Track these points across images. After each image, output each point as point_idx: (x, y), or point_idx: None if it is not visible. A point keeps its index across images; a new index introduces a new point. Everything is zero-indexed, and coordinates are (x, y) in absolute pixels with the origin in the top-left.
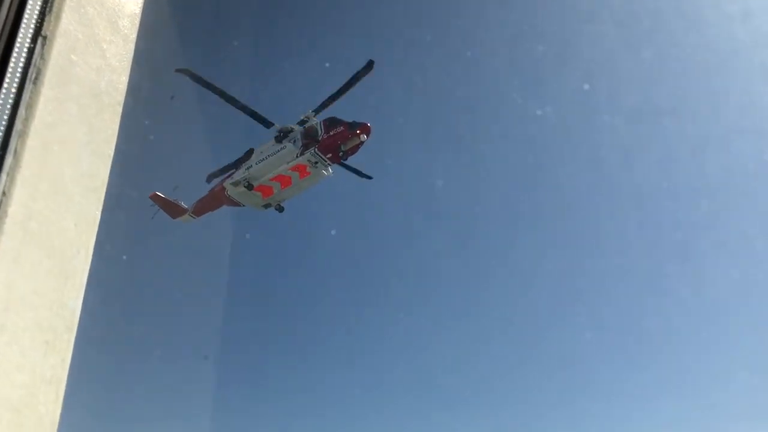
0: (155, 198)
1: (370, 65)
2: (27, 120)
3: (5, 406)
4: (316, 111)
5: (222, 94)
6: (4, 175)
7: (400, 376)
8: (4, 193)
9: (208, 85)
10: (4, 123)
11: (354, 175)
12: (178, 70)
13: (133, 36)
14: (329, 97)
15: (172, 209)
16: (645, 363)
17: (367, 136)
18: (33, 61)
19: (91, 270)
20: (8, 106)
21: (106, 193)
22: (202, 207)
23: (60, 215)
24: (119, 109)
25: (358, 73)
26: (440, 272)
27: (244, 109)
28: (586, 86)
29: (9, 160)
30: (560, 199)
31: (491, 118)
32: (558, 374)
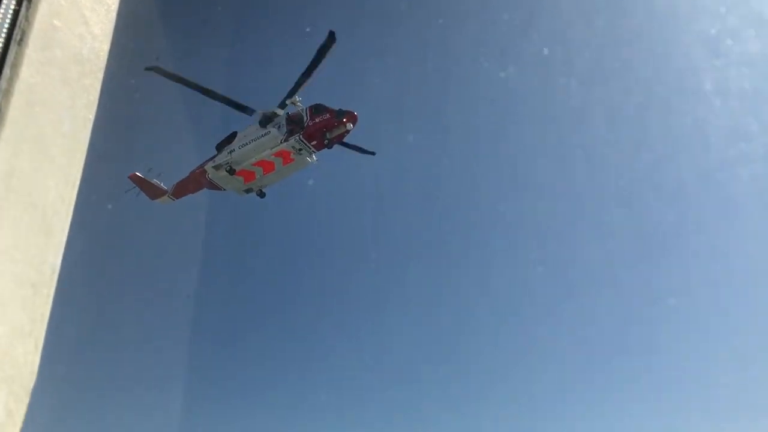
0: (134, 178)
1: (331, 37)
2: (11, 79)
3: None
4: (290, 94)
5: (197, 87)
6: None
7: (381, 369)
8: None
9: (182, 80)
10: None
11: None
12: (147, 69)
13: (115, 6)
14: (300, 77)
15: (151, 190)
16: (635, 361)
17: (353, 125)
18: (18, 22)
19: (70, 231)
20: None
21: (88, 157)
22: (182, 189)
23: (42, 174)
24: (100, 76)
25: (321, 47)
26: (424, 262)
27: (222, 99)
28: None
29: None
30: (554, 196)
31: (479, 105)
32: (549, 371)
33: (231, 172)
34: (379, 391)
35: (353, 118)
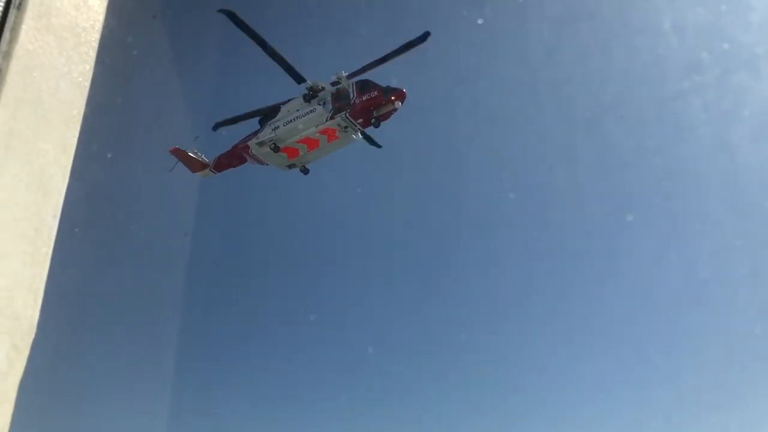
0: (176, 152)
1: (424, 36)
2: (11, 42)
3: None
4: (353, 74)
5: (261, 43)
6: None
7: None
8: None
9: (248, 30)
10: None
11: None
12: (220, 11)
13: None
14: (374, 61)
15: (193, 164)
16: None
17: (401, 103)
18: None
19: (67, 194)
20: None
21: (84, 122)
22: (224, 163)
23: (39, 137)
24: (95, 46)
25: (410, 42)
26: (422, 259)
27: (279, 60)
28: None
29: None
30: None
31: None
32: (548, 370)
33: (276, 149)
34: (374, 388)
35: (402, 96)
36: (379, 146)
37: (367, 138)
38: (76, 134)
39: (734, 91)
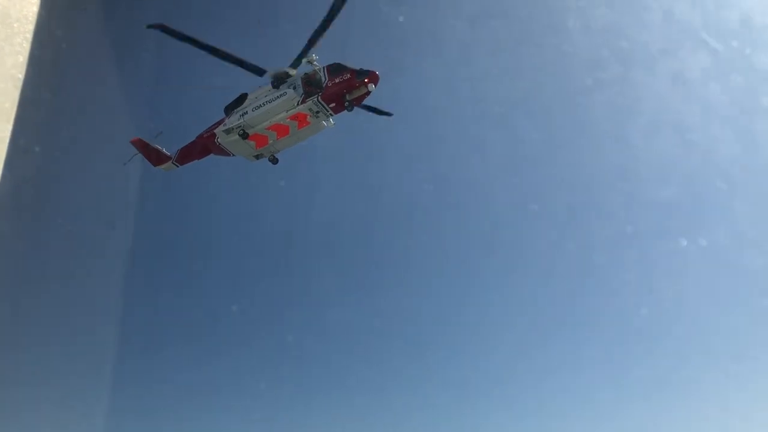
0: (137, 143)
1: (387, 114)
2: None
3: None
4: (304, 52)
5: (204, 47)
6: None
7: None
8: None
9: (187, 39)
10: None
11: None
12: (150, 26)
13: None
14: (313, 33)
15: (155, 156)
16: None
17: (375, 86)
18: None
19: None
20: None
21: (18, 115)
22: (187, 155)
23: None
24: (29, 37)
25: (378, 108)
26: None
27: (229, 58)
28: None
29: None
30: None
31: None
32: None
33: (244, 136)
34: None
35: (375, 78)
36: (390, 114)
37: (373, 109)
38: (9, 127)
39: (634, 87)
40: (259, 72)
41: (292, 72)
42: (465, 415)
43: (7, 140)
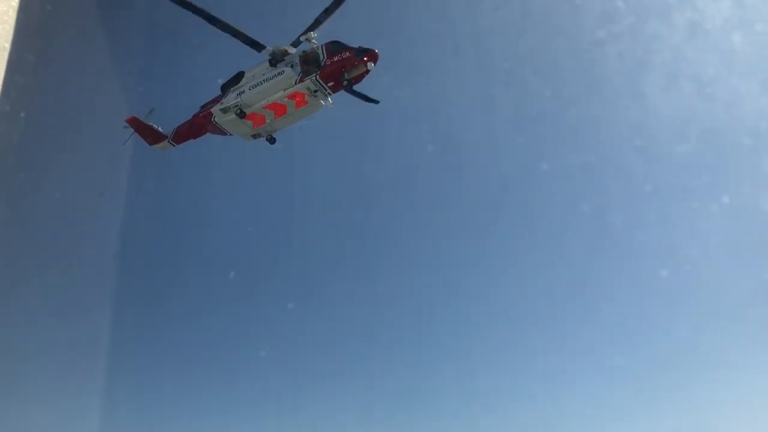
0: (132, 122)
1: (374, 101)
2: None
3: None
4: (307, 31)
5: (206, 16)
6: None
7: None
8: None
9: (189, 5)
10: None
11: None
12: None
13: None
14: (321, 14)
15: (150, 135)
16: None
17: (374, 64)
18: None
19: None
20: None
21: (6, 84)
22: (183, 134)
23: None
24: (15, 5)
25: (366, 96)
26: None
27: (230, 30)
28: None
29: None
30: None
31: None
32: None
33: (241, 115)
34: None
35: (374, 57)
36: (376, 102)
37: (360, 95)
38: None
39: (648, 38)
40: (258, 47)
41: (291, 50)
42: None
43: None
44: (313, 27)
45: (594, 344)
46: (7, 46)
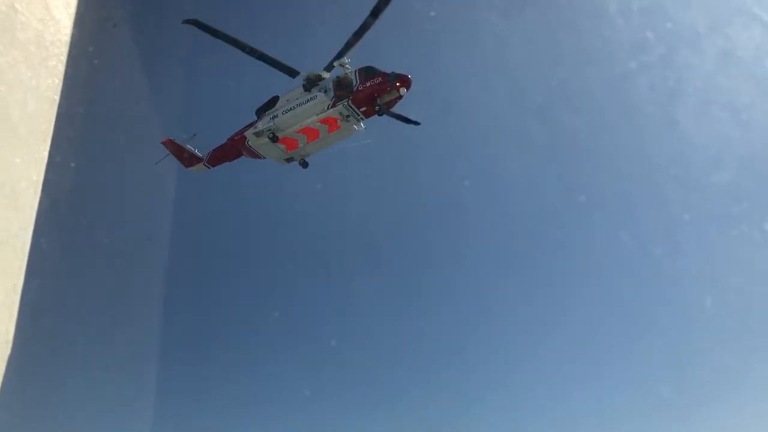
0: (169, 144)
1: (415, 123)
2: None
3: None
4: (339, 56)
5: (237, 44)
6: None
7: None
8: None
9: (220, 35)
10: None
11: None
12: (185, 22)
13: None
14: (350, 38)
15: (186, 157)
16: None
17: (407, 90)
18: None
19: (40, 207)
20: None
21: (55, 136)
22: (218, 157)
23: (8, 152)
24: (63, 59)
25: (377, 5)
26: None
27: (263, 57)
28: None
29: None
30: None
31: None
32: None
33: (273, 139)
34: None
35: (407, 82)
36: (417, 123)
37: (400, 117)
38: (47, 147)
39: (680, 67)
40: (293, 73)
41: (325, 75)
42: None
43: (45, 160)
44: (344, 51)
45: (647, 378)
46: (56, 98)
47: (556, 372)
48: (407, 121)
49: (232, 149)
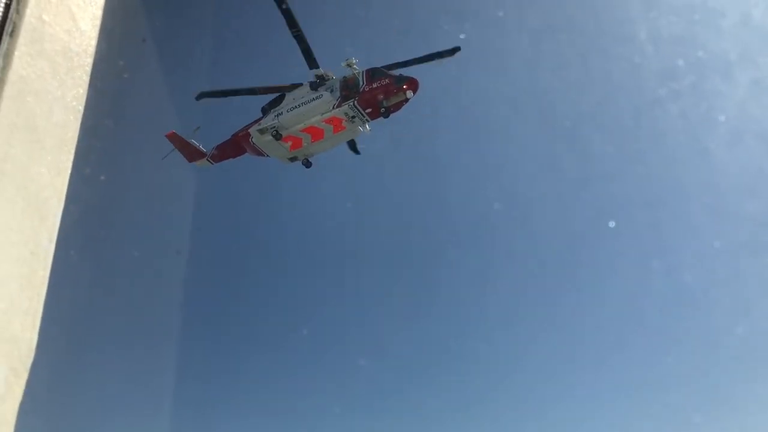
0: (173, 138)
1: (454, 50)
2: (4, 69)
3: None
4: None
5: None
6: None
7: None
8: None
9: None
10: None
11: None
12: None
13: (102, 2)
14: (394, 63)
15: (189, 152)
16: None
17: (414, 93)
18: (9, 15)
19: (63, 215)
20: None
21: (78, 145)
22: (222, 153)
23: (34, 161)
24: (89, 70)
25: (439, 52)
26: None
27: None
28: None
29: None
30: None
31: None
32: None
33: (277, 137)
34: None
35: (414, 85)
36: (357, 153)
37: (350, 143)
38: (71, 157)
39: (709, 96)
40: (313, 65)
41: (333, 75)
42: None
43: (68, 171)
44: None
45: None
46: (81, 109)
47: (563, 374)
48: (352, 148)
49: (236, 146)
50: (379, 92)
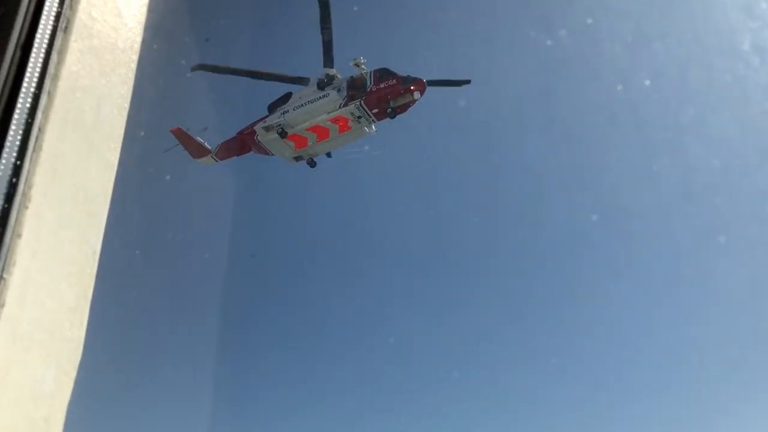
0: (178, 133)
1: (465, 82)
2: (59, 65)
3: (38, 327)
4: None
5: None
6: (39, 113)
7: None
8: (39, 129)
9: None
10: (40, 64)
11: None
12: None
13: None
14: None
15: (194, 148)
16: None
17: (421, 94)
18: (63, 11)
19: (110, 213)
20: (43, 50)
21: (124, 143)
22: (227, 151)
23: (83, 159)
24: (134, 67)
25: (452, 80)
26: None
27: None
28: None
29: (44, 99)
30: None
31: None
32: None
33: (282, 135)
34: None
35: (422, 86)
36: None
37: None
38: (117, 155)
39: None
40: (328, 62)
41: (339, 74)
42: None
43: (115, 168)
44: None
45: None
46: (126, 106)
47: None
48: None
49: (242, 143)
50: (387, 92)
